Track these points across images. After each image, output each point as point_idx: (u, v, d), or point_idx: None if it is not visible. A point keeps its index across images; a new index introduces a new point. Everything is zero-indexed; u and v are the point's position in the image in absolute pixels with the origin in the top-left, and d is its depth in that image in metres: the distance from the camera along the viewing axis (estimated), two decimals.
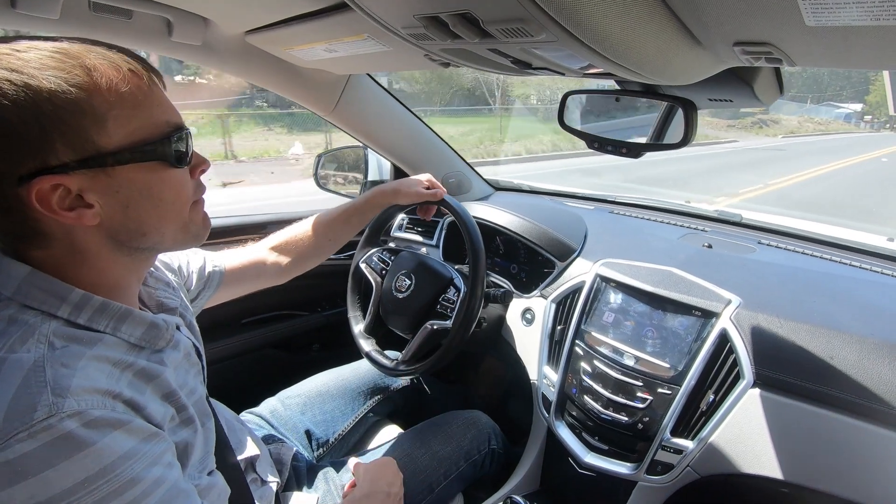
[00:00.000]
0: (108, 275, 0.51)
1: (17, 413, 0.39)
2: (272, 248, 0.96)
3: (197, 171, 0.56)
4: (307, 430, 1.05)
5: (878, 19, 0.40)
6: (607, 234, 1.27)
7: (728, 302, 0.90)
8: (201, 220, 0.58)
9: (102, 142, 0.45)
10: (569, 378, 1.03)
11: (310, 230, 0.98)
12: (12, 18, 0.76)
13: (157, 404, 0.50)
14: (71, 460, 0.39)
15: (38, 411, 0.39)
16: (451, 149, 1.56)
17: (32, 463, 0.38)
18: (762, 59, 0.55)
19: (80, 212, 0.46)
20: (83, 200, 0.46)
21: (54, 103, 0.42)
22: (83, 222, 0.46)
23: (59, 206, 0.44)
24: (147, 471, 0.43)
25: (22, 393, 0.40)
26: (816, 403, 0.79)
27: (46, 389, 0.40)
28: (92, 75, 0.44)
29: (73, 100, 0.43)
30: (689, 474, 0.89)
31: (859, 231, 1.27)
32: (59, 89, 0.42)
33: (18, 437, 0.38)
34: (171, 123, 0.50)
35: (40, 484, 0.38)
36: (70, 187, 0.44)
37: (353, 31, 0.82)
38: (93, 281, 0.50)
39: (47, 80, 0.42)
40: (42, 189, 0.43)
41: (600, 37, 0.48)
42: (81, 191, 0.45)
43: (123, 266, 0.52)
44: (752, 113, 21.88)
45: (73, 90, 0.43)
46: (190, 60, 1.04)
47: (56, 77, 0.42)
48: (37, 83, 0.41)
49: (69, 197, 0.45)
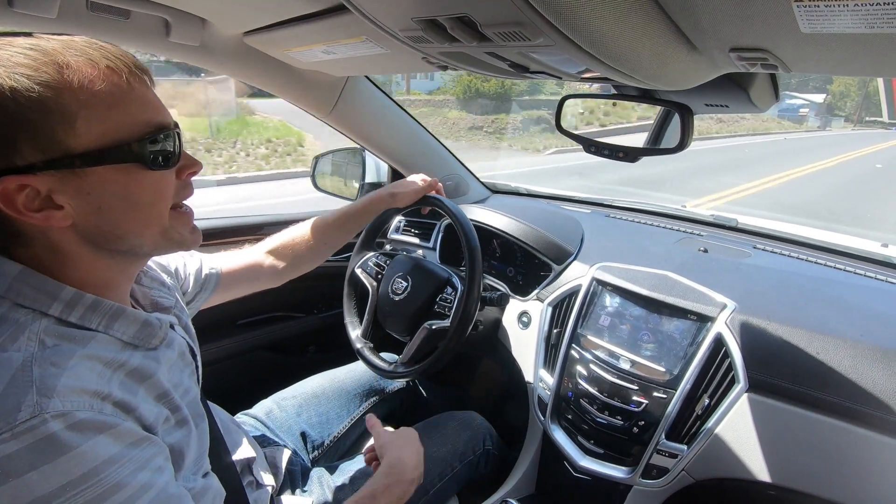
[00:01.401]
0: (96, 274, 0.50)
1: (2, 413, 0.38)
2: (268, 251, 0.96)
3: (185, 172, 0.54)
4: (302, 431, 1.05)
5: (872, 27, 0.40)
6: (604, 237, 1.28)
7: (723, 306, 0.90)
8: (188, 230, 0.56)
9: (71, 142, 0.43)
10: (564, 381, 1.03)
11: (306, 234, 0.98)
12: (9, 17, 0.76)
13: (149, 405, 0.49)
14: (53, 463, 0.38)
15: (21, 411, 0.38)
16: (448, 151, 1.56)
17: (15, 465, 0.37)
18: (758, 65, 0.55)
19: (48, 213, 0.44)
20: (52, 202, 0.44)
21: (18, 102, 0.41)
22: (52, 223, 0.45)
23: (27, 207, 0.43)
24: (133, 476, 0.42)
25: (8, 392, 0.39)
26: (811, 408, 0.79)
27: (32, 389, 0.39)
28: (63, 73, 0.43)
29: (39, 99, 0.41)
30: (684, 478, 0.89)
31: (854, 236, 1.28)
32: (22, 88, 0.41)
33: (2, 437, 0.37)
34: (152, 123, 0.48)
35: (23, 486, 0.37)
36: (38, 188, 0.43)
37: (351, 33, 0.82)
38: (81, 280, 0.49)
39: (12, 77, 0.41)
40: (7, 189, 0.42)
41: (597, 41, 0.49)
42: (51, 192, 0.44)
43: (108, 267, 0.51)
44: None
45: (38, 88, 0.41)
46: (188, 61, 1.04)
47: (22, 75, 0.41)
48: (0, 81, 0.40)
49: (38, 198, 0.44)
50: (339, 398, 1.14)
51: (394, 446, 0.79)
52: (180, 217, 0.55)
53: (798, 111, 27.81)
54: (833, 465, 0.77)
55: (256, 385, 1.22)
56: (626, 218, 1.48)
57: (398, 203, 1.01)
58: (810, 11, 0.40)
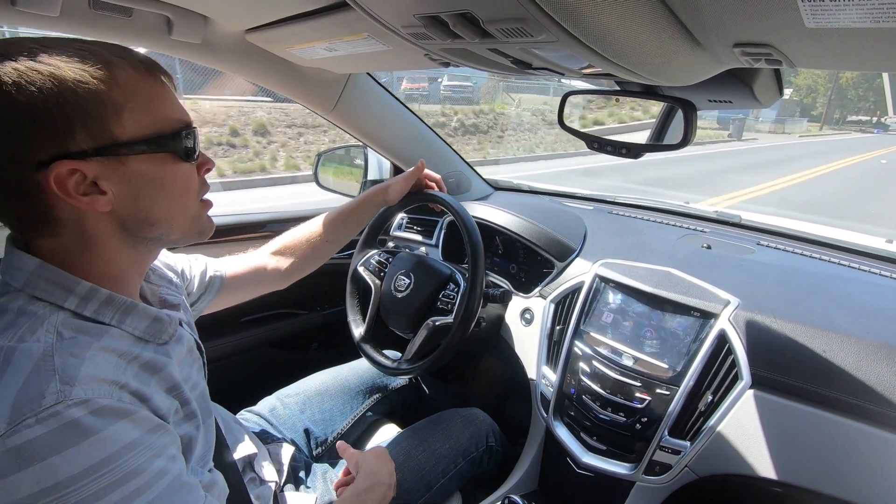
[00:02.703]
0: (113, 265, 0.53)
1: (27, 400, 0.40)
2: (272, 253, 0.97)
3: (202, 169, 0.59)
4: (306, 428, 1.05)
5: (878, 21, 0.40)
6: (606, 234, 1.27)
7: (727, 303, 0.90)
8: (207, 218, 0.61)
9: (118, 132, 0.47)
10: (567, 378, 1.03)
11: (309, 233, 0.99)
12: (12, 15, 0.76)
13: (162, 396, 0.51)
14: (77, 447, 0.40)
15: (46, 398, 0.40)
16: (450, 148, 1.56)
17: (39, 448, 0.39)
18: (762, 60, 0.55)
19: (93, 198, 0.48)
20: (97, 187, 0.48)
21: (77, 92, 0.44)
22: (96, 208, 0.48)
23: (75, 191, 0.46)
24: (150, 462, 0.44)
25: (31, 380, 0.41)
26: (815, 405, 0.79)
27: (55, 377, 0.41)
28: (112, 70, 0.47)
29: (95, 90, 0.45)
30: (688, 475, 0.89)
31: (858, 232, 1.27)
32: (82, 79, 0.45)
33: (26, 422, 0.39)
34: (182, 121, 0.53)
35: (46, 470, 0.38)
36: (86, 173, 0.47)
37: (353, 30, 0.82)
38: (98, 271, 0.51)
39: (72, 70, 0.44)
40: (60, 173, 0.45)
41: (600, 37, 0.48)
42: (97, 178, 0.47)
43: (127, 257, 0.54)
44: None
45: (94, 81, 0.45)
46: (190, 59, 1.04)
47: (82, 69, 0.45)
48: (62, 73, 0.44)
49: (84, 183, 0.47)
50: (342, 395, 1.14)
51: (367, 458, 0.84)
52: (205, 206, 0.61)
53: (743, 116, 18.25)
54: (837, 462, 0.77)
55: (260, 382, 1.23)
56: (628, 214, 1.48)
57: (390, 195, 1.01)
58: (815, 6, 0.40)
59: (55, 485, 0.38)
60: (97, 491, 0.40)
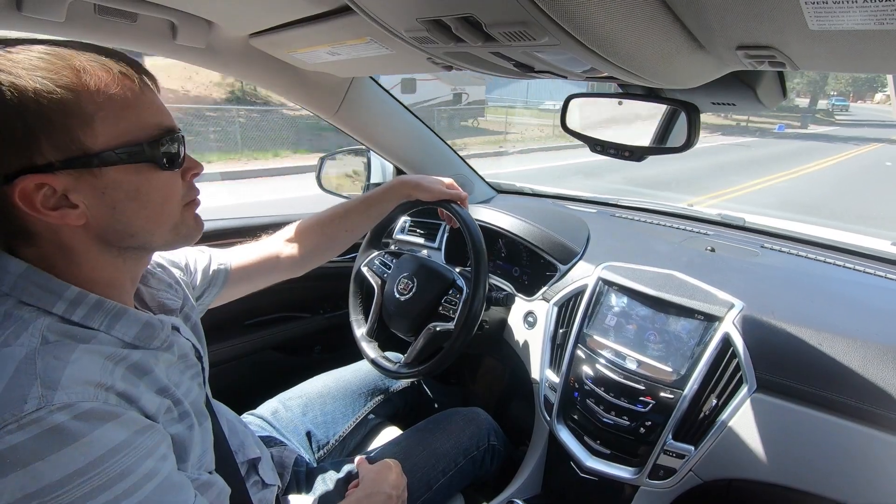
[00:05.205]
0: (100, 272, 0.51)
1: (8, 405, 0.39)
2: (287, 240, 0.94)
3: (189, 174, 0.56)
4: (308, 431, 1.05)
5: (882, 24, 0.39)
6: (609, 237, 1.27)
7: (731, 306, 0.89)
8: (193, 221, 0.58)
9: (89, 142, 0.45)
10: (570, 381, 1.03)
11: (326, 221, 0.96)
12: (18, 21, 0.76)
13: (151, 396, 0.50)
14: (60, 452, 0.39)
15: (28, 403, 0.39)
16: (453, 151, 1.56)
17: (22, 455, 0.38)
18: (765, 62, 0.54)
19: (63, 212, 0.46)
20: (68, 200, 0.46)
21: (40, 102, 0.42)
22: (67, 222, 0.46)
23: (43, 206, 0.45)
24: (139, 464, 0.43)
25: (13, 385, 0.40)
26: (820, 408, 0.79)
27: (36, 381, 0.40)
28: (80, 76, 0.44)
29: (60, 99, 0.43)
30: (692, 479, 0.88)
31: (864, 235, 1.26)
32: (45, 89, 0.42)
33: (8, 428, 0.38)
34: (162, 126, 0.50)
35: (30, 476, 0.38)
36: (55, 187, 0.44)
37: (355, 34, 0.82)
38: (86, 278, 0.50)
39: (34, 79, 0.42)
40: (26, 188, 0.43)
41: (603, 41, 0.48)
42: (66, 191, 0.45)
43: (114, 266, 0.52)
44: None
45: (59, 90, 0.43)
46: (194, 63, 1.04)
47: (43, 77, 0.42)
48: (23, 83, 0.42)
49: (54, 196, 0.45)
50: (344, 398, 1.14)
51: (372, 468, 0.83)
52: (189, 210, 0.57)
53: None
54: (843, 467, 0.76)
55: (262, 385, 1.23)
56: (631, 217, 1.47)
57: (421, 197, 0.99)
58: (819, 8, 0.39)
59: (39, 490, 0.38)
60: (84, 494, 0.39)
